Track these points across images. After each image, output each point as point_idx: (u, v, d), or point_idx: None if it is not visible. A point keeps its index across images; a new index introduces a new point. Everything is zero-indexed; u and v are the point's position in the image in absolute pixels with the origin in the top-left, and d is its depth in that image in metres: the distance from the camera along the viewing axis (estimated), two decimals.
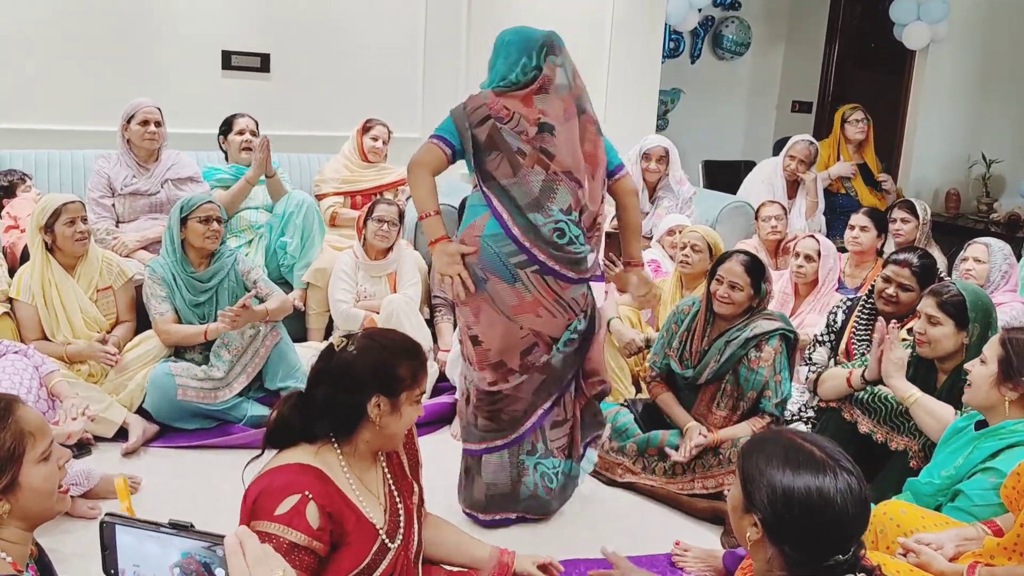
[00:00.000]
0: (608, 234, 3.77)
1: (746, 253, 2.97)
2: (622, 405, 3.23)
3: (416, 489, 1.89)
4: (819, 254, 3.67)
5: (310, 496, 1.62)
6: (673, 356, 3.07)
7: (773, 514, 1.31)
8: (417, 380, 1.75)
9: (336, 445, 1.74)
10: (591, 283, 2.76)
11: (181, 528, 0.94)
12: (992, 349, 2.09)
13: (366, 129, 4.33)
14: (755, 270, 2.91)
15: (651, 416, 3.14)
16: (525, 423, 2.70)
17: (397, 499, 1.82)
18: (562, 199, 2.55)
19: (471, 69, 4.95)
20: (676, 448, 2.91)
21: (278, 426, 1.73)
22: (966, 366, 2.14)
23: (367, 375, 1.69)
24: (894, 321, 2.71)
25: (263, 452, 1.74)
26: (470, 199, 2.68)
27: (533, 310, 2.59)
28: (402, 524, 1.81)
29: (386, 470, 1.84)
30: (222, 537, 0.89)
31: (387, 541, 1.75)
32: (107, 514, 1.00)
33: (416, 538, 1.85)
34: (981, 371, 2.08)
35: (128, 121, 3.75)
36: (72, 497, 2.52)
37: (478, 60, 4.95)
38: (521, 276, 2.55)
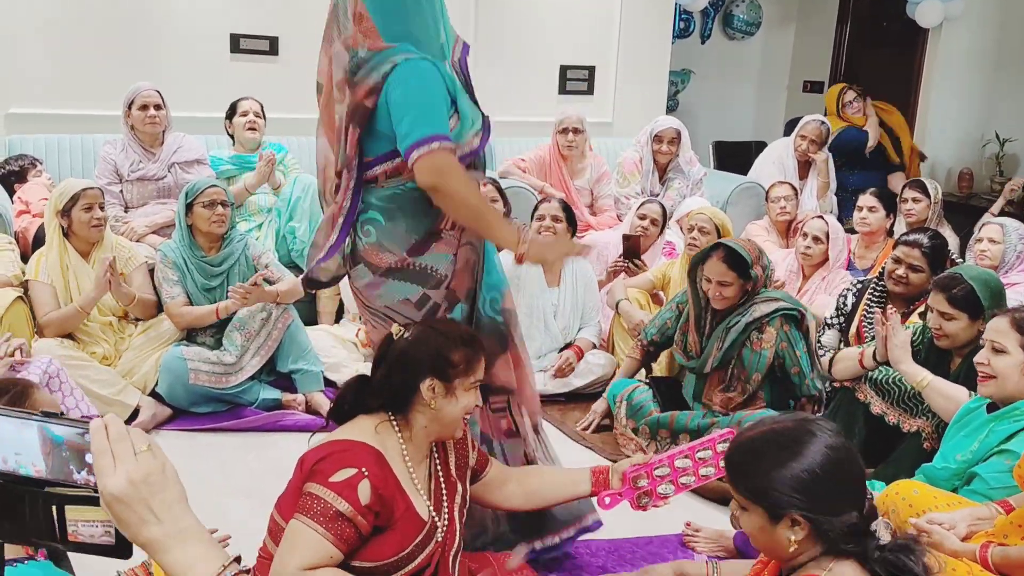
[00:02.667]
0: (626, 236, 3.77)
1: (722, 247, 2.89)
2: (644, 383, 3.22)
3: (460, 489, 1.92)
4: (827, 236, 3.65)
5: (366, 473, 1.66)
6: (677, 348, 3.07)
7: (811, 499, 1.33)
8: (472, 367, 1.81)
9: (396, 426, 1.79)
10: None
11: (51, 416, 0.95)
12: (1007, 336, 2.03)
13: None
14: (737, 262, 2.87)
15: (671, 396, 3.14)
16: None
17: (443, 496, 1.86)
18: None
19: (479, 43, 4.92)
20: (683, 428, 2.90)
21: (338, 404, 1.84)
22: (976, 359, 2.09)
23: (421, 358, 1.77)
24: (891, 307, 2.70)
25: (327, 427, 1.85)
26: None
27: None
28: (446, 520, 1.84)
29: (437, 465, 1.88)
30: (88, 421, 0.92)
31: (436, 532, 1.79)
32: None
33: (456, 537, 1.87)
34: (1007, 361, 2.02)
35: (129, 107, 3.75)
36: None
37: (485, 40, 4.93)
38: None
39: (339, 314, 3.96)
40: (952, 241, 4.23)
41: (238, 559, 0.90)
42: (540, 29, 5.11)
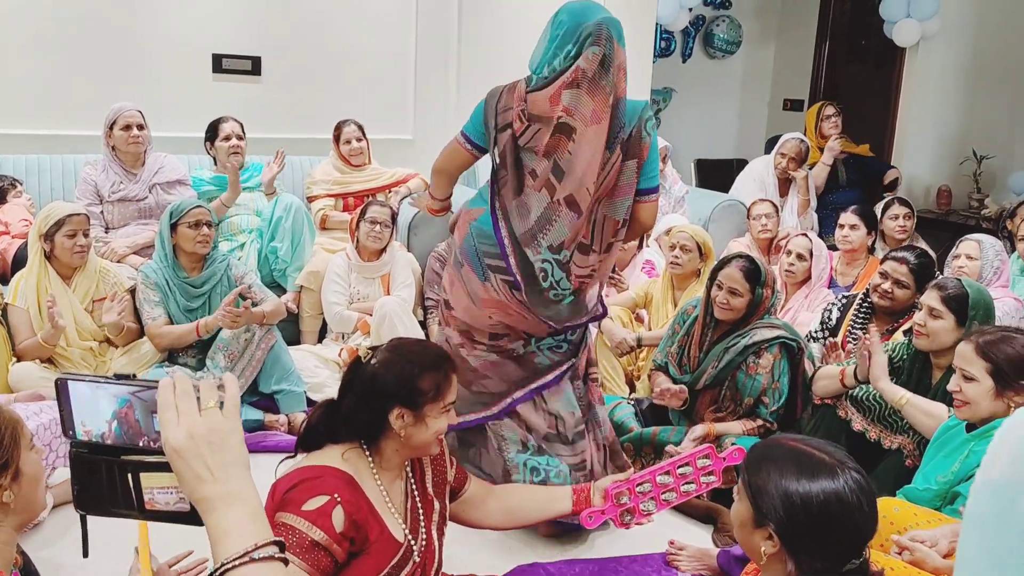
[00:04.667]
0: None
1: (746, 258, 2.97)
2: (627, 400, 3.23)
3: (437, 507, 1.89)
4: (811, 253, 3.68)
5: (339, 500, 1.63)
6: (672, 360, 3.08)
7: (791, 524, 1.30)
8: (441, 392, 1.75)
9: (367, 451, 1.76)
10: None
11: (124, 378, 0.96)
12: (973, 364, 2.04)
13: (336, 136, 4.32)
14: (754, 276, 2.91)
15: (656, 415, 3.15)
16: (495, 405, 2.53)
17: (420, 515, 1.83)
18: (557, 233, 2.34)
19: (462, 70, 4.95)
20: (666, 443, 2.92)
21: (307, 432, 1.77)
22: (950, 387, 2.10)
23: (388, 388, 1.71)
24: (872, 326, 2.73)
25: (296, 454, 1.78)
26: (482, 187, 2.51)
27: (501, 308, 2.44)
28: (423, 540, 1.81)
29: (412, 482, 1.85)
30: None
31: (412, 553, 1.76)
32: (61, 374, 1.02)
33: (436, 556, 1.85)
34: (975, 388, 2.03)
35: (111, 127, 3.73)
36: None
37: (469, 60, 4.96)
38: (492, 279, 2.41)
39: (322, 334, 3.94)
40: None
41: (279, 543, 0.88)
42: (523, 46, 5.11)
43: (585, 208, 2.33)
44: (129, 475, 0.97)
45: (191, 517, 0.94)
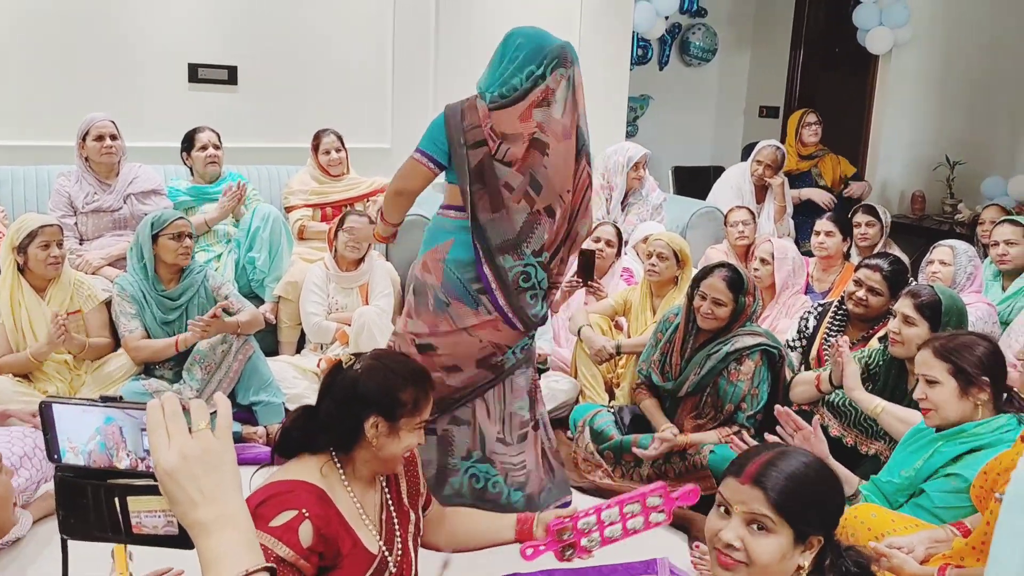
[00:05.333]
0: (582, 251, 3.79)
1: (728, 267, 2.99)
2: (607, 409, 3.25)
3: (413, 518, 1.88)
4: (772, 256, 3.71)
5: (307, 515, 1.62)
6: (655, 368, 3.10)
7: (830, 523, 1.37)
8: (419, 407, 1.75)
9: (338, 463, 1.75)
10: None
11: (111, 400, 0.96)
12: (934, 368, 2.06)
13: (315, 146, 4.30)
14: (737, 285, 2.93)
15: (638, 425, 3.16)
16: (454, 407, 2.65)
17: (395, 526, 1.82)
18: (538, 239, 2.50)
19: (440, 79, 4.95)
20: (646, 448, 2.94)
21: (284, 438, 1.76)
22: (916, 395, 2.12)
23: (368, 394, 1.71)
24: (845, 337, 2.76)
25: (272, 462, 1.77)
26: (435, 219, 2.62)
27: (493, 325, 2.56)
28: (399, 551, 1.80)
29: (387, 494, 1.84)
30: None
31: (387, 565, 1.75)
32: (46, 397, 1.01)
33: (412, 567, 1.84)
34: (940, 393, 2.06)
35: (84, 138, 3.69)
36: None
37: (447, 69, 4.96)
38: (482, 301, 2.53)
39: (300, 345, 3.92)
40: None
41: (270, 570, 0.87)
42: None
43: (560, 214, 2.50)
44: (116, 499, 0.96)
45: (179, 541, 0.93)
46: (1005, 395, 2.08)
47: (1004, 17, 6.41)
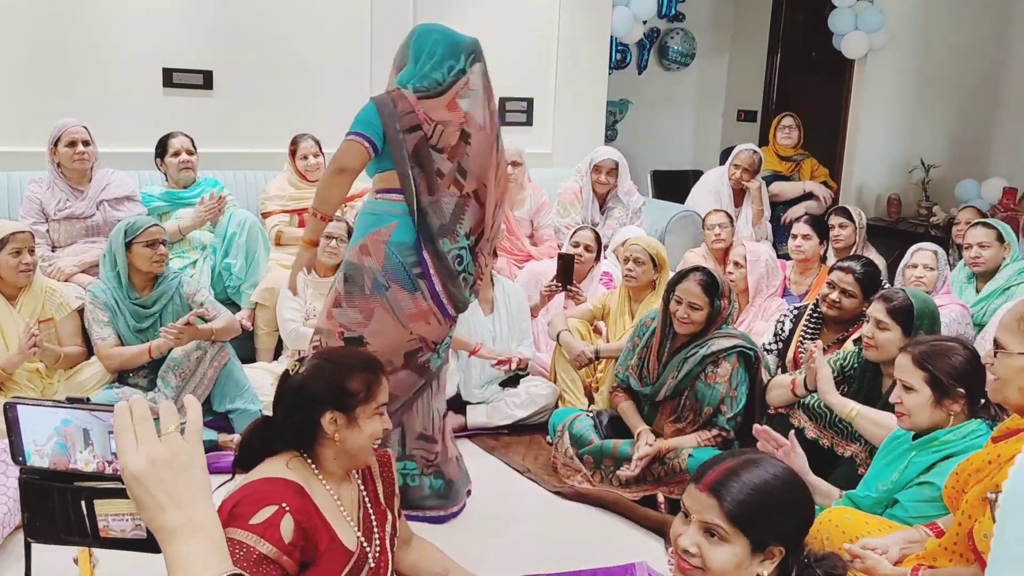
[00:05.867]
0: (561, 256, 3.80)
1: (703, 271, 3.00)
2: (586, 413, 3.25)
3: (389, 518, 1.88)
4: (745, 259, 3.73)
5: (287, 508, 1.62)
6: (633, 373, 3.10)
7: (794, 533, 1.35)
8: (372, 393, 1.75)
9: (308, 459, 1.75)
10: None
11: (77, 401, 0.95)
12: (911, 374, 2.05)
13: (293, 152, 4.28)
14: (712, 288, 2.94)
15: (616, 428, 3.16)
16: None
17: (373, 524, 1.82)
18: (467, 222, 2.61)
19: None
20: (628, 459, 2.93)
21: (243, 450, 1.76)
22: (892, 398, 2.12)
23: (318, 393, 1.72)
24: (819, 342, 2.78)
25: (233, 476, 1.75)
26: (374, 203, 2.64)
27: (425, 318, 2.63)
28: (377, 549, 1.80)
29: (363, 492, 1.83)
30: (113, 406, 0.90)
31: (367, 559, 1.75)
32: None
33: (389, 566, 1.83)
34: (914, 399, 2.05)
35: (55, 144, 3.65)
36: None
37: None
38: (420, 286, 2.60)
39: (278, 351, 3.89)
40: (879, 263, 4.37)
41: None
42: None
43: (486, 201, 2.64)
44: (83, 502, 0.94)
45: (148, 544, 0.92)
46: (983, 400, 2.08)
47: (978, 22, 6.49)
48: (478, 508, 2.93)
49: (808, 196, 5.28)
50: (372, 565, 1.77)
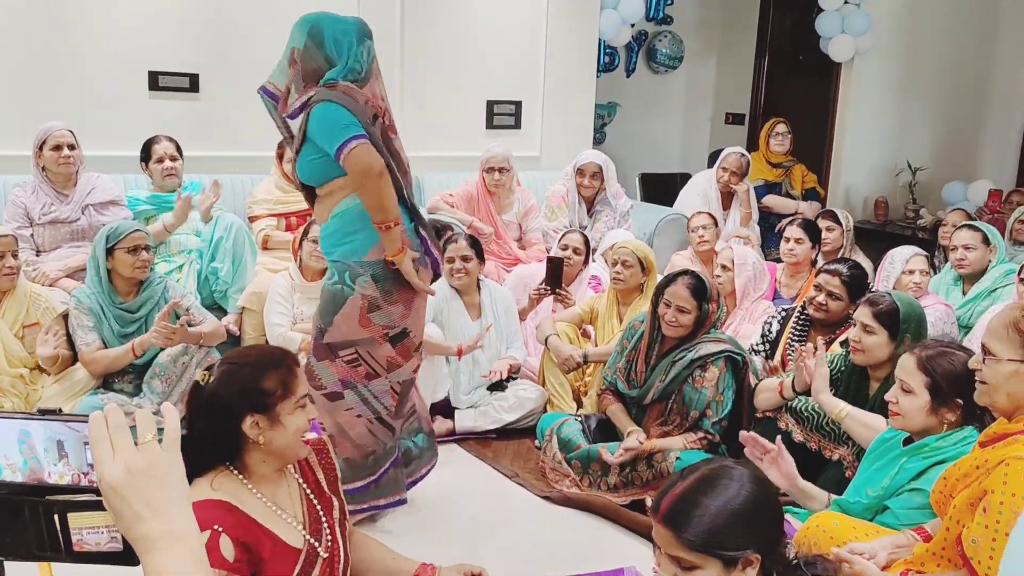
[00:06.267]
0: (550, 259, 3.80)
1: (692, 274, 3.00)
2: (575, 417, 3.24)
3: (336, 503, 1.86)
4: (732, 262, 3.74)
5: (220, 530, 1.58)
6: (621, 375, 3.10)
7: (762, 537, 1.31)
8: (290, 388, 1.70)
9: (234, 470, 1.70)
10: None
11: (50, 412, 0.93)
12: (913, 377, 2.04)
13: (280, 155, 4.26)
14: (700, 292, 2.94)
15: (604, 432, 3.15)
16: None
17: (320, 514, 1.80)
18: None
19: (405, 85, 4.93)
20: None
21: None
22: (887, 396, 2.12)
23: (233, 399, 1.66)
24: (822, 340, 2.78)
25: None
26: (354, 205, 2.55)
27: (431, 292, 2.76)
28: (328, 538, 1.78)
29: (303, 485, 1.81)
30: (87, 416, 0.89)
31: (317, 553, 1.72)
32: None
33: (342, 553, 1.82)
34: (911, 401, 2.04)
35: (40, 147, 3.61)
36: None
37: (412, 76, 4.94)
38: (426, 261, 2.68)
39: None
40: (866, 267, 4.39)
41: None
42: (467, 65, 5.15)
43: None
44: (56, 516, 0.92)
45: (124, 557, 0.90)
46: (978, 411, 2.06)
47: (963, 25, 6.53)
48: (467, 513, 2.92)
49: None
50: (325, 555, 1.75)
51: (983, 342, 1.74)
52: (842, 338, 2.98)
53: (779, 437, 2.25)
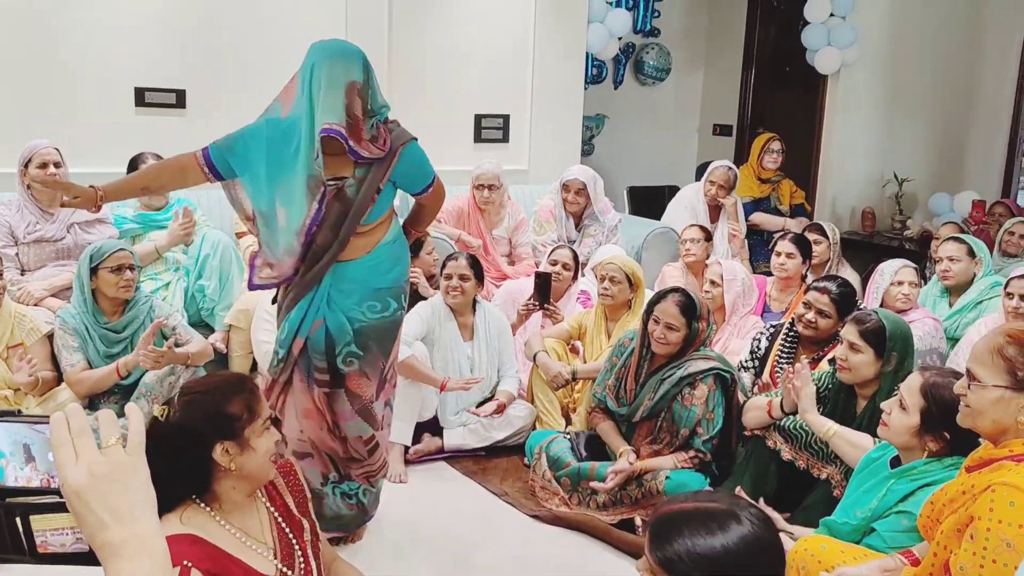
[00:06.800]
0: (538, 274, 3.79)
1: (682, 292, 3.00)
2: (563, 435, 3.24)
3: (306, 525, 1.84)
4: (722, 278, 3.74)
5: (190, 565, 1.56)
6: (610, 393, 3.10)
7: None
8: (255, 410, 1.70)
9: (201, 503, 1.68)
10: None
11: (8, 414, 0.92)
12: (913, 397, 2.04)
13: None
14: (690, 310, 2.94)
15: (594, 450, 3.15)
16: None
17: (291, 538, 1.78)
18: None
19: (393, 98, 4.87)
20: (603, 479, 2.92)
21: None
22: (883, 405, 2.13)
23: (200, 428, 1.64)
24: (804, 358, 2.78)
25: None
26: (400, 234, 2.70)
27: None
28: (301, 563, 1.76)
29: (272, 510, 1.79)
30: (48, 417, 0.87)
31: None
32: None
33: (315, 574, 1.80)
34: (902, 419, 2.05)
35: (26, 165, 3.58)
36: None
37: (400, 90, 4.93)
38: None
39: (252, 373, 3.85)
40: (853, 279, 4.41)
41: None
42: (454, 79, 5.15)
43: None
44: (17, 518, 0.91)
45: (91, 558, 0.87)
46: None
47: (949, 37, 6.57)
48: (456, 532, 2.91)
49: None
50: None
51: (968, 367, 1.75)
52: (830, 356, 2.99)
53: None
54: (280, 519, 1.79)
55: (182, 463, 1.63)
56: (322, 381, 2.56)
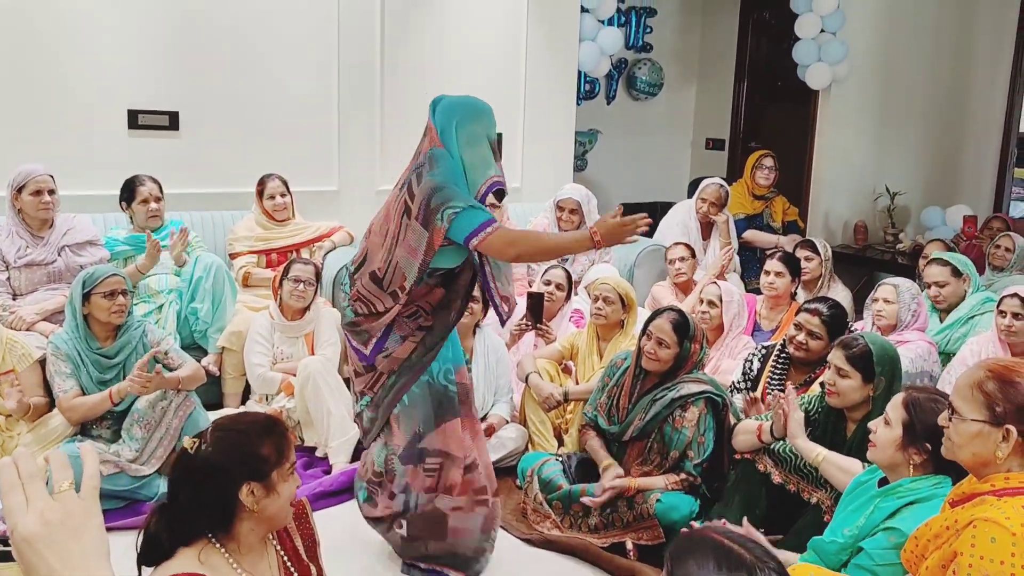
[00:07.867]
0: (530, 294, 3.80)
1: (678, 311, 3.02)
2: (555, 457, 3.24)
3: (313, 571, 1.84)
4: (720, 299, 3.76)
5: None
6: (601, 412, 3.11)
7: None
8: (283, 454, 1.69)
9: (217, 543, 1.67)
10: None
11: None
12: (896, 411, 2.07)
13: (260, 191, 4.26)
14: (682, 329, 2.96)
15: (586, 471, 3.15)
16: None
17: None
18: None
19: (386, 120, 4.95)
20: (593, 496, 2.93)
21: (150, 544, 1.61)
22: (870, 424, 2.16)
23: (231, 466, 1.63)
24: (792, 386, 2.79)
25: (139, 573, 1.65)
26: None
27: None
28: None
29: (281, 552, 1.79)
30: None
31: None
32: None
33: None
34: (886, 433, 2.07)
35: (19, 190, 3.59)
36: None
37: (393, 111, 4.95)
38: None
39: (245, 396, 3.85)
40: (845, 295, 4.43)
41: None
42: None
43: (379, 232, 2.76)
44: None
45: None
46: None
47: (939, 54, 6.62)
48: None
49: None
50: None
51: (950, 400, 1.76)
52: (822, 377, 2.99)
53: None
54: (288, 563, 1.79)
55: (206, 498, 1.62)
56: None
